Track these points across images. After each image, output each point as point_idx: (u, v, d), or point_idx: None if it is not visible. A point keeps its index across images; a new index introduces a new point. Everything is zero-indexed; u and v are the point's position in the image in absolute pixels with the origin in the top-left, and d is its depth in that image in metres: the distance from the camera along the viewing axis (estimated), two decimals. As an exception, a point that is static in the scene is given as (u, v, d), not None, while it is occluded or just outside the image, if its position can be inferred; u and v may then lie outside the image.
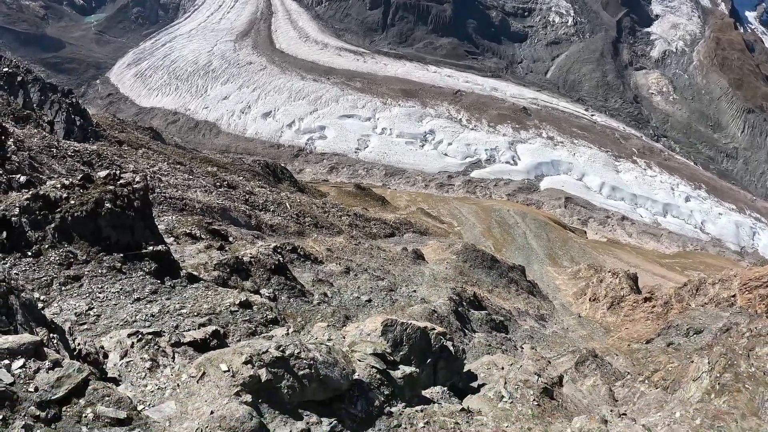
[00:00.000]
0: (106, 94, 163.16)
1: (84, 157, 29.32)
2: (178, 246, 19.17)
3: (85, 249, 11.90)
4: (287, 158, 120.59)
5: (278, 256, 20.78)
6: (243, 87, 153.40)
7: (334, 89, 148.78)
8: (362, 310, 21.20)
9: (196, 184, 38.41)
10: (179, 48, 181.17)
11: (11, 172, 15.62)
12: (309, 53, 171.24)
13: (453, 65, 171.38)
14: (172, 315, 11.54)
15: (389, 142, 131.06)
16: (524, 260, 62.03)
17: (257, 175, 59.98)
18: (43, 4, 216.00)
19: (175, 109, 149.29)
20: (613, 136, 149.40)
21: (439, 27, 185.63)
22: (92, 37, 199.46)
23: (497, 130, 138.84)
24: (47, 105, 41.63)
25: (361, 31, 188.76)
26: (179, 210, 29.24)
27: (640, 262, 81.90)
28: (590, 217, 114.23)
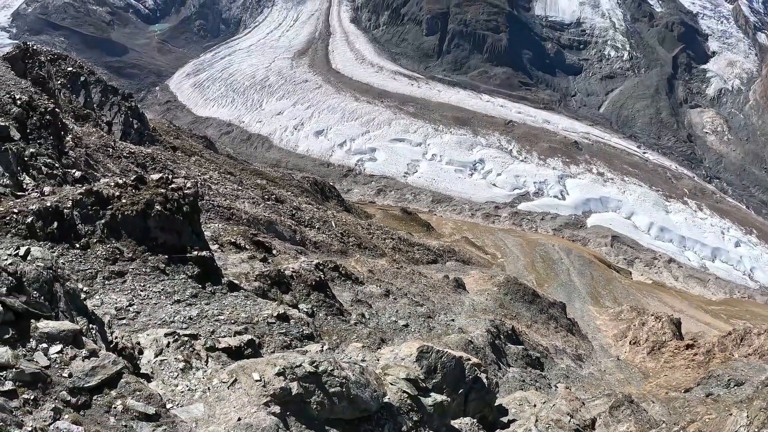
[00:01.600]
0: (164, 101, 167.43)
1: (138, 159, 30.01)
2: (222, 254, 19.36)
3: (131, 247, 12.10)
4: (336, 177, 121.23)
5: (320, 273, 20.80)
6: (297, 104, 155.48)
7: (387, 112, 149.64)
8: (398, 334, 21.04)
9: (244, 195, 38.86)
10: (238, 62, 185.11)
11: (67, 167, 16.02)
12: (364, 75, 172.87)
13: (506, 95, 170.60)
14: (210, 320, 11.60)
15: (438, 168, 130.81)
16: (566, 297, 60.83)
17: (305, 191, 60.43)
18: (110, 10, 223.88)
19: (230, 120, 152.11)
20: (665, 175, 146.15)
21: (495, 56, 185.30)
22: (155, 45, 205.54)
23: (547, 163, 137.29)
24: (107, 106, 42.74)
25: (417, 57, 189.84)
26: (226, 219, 29.60)
27: (684, 307, 79.56)
28: (636, 258, 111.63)
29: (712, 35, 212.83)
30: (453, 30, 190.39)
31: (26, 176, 14.11)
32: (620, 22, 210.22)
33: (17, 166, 13.90)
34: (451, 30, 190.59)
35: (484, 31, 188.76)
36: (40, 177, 14.75)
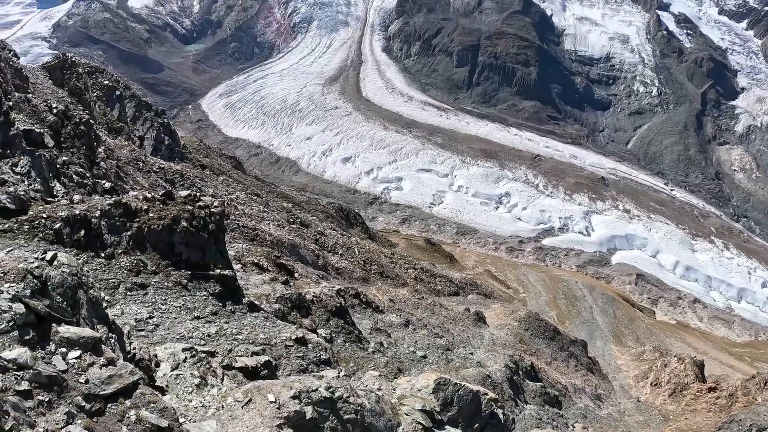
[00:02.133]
0: (195, 120, 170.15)
1: (167, 175, 30.36)
2: (245, 274, 19.41)
3: (155, 260, 12.17)
4: (361, 204, 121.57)
5: (340, 299, 20.75)
6: (327, 130, 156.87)
7: (415, 142, 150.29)
8: (416, 365, 20.84)
9: (270, 217, 39.05)
10: (270, 85, 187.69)
11: (98, 177, 16.23)
12: (394, 104, 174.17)
13: (534, 129, 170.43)
14: (228, 338, 11.58)
15: (464, 200, 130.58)
16: (587, 335, 60.06)
17: (330, 217, 60.57)
18: (148, 28, 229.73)
19: (259, 142, 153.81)
20: (692, 213, 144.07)
21: (524, 90, 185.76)
22: (190, 64, 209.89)
23: (573, 198, 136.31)
24: (140, 121, 43.47)
25: (447, 88, 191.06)
26: (250, 239, 29.71)
27: (708, 349, 77.95)
28: (661, 297, 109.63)
29: (741, 71, 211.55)
30: (483, 62, 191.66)
31: (57, 183, 14.35)
32: (649, 57, 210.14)
33: (49, 172, 14.16)
34: (481, 62, 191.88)
35: (514, 65, 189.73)
36: (71, 185, 14.99)
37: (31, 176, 12.95)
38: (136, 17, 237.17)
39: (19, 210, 10.02)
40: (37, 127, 15.56)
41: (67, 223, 10.60)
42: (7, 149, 13.02)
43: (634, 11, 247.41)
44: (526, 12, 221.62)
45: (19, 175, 12.66)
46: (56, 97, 21.43)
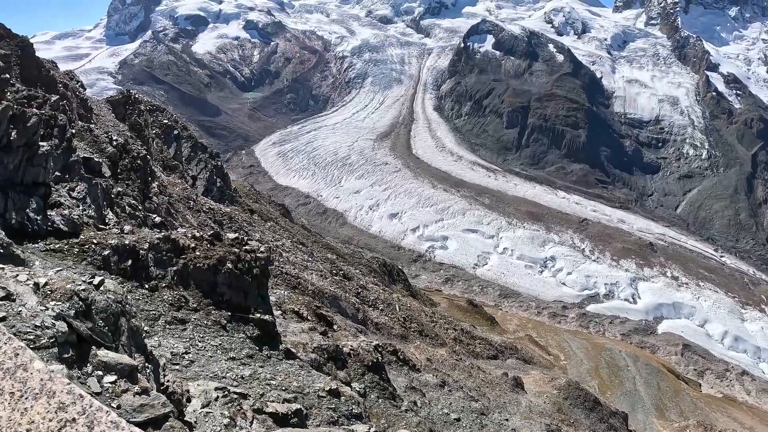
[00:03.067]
0: (248, 165, 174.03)
1: (216, 216, 30.83)
2: (284, 321, 19.39)
3: (197, 298, 12.24)
4: (405, 261, 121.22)
5: (378, 354, 20.48)
6: (375, 185, 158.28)
7: (462, 202, 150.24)
8: (449, 427, 20.32)
9: (313, 267, 39.17)
10: (322, 137, 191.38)
11: (149, 211, 16.55)
12: (443, 163, 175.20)
13: (582, 192, 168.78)
14: (261, 382, 11.46)
15: (509, 262, 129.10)
16: (629, 407, 58.07)
17: (373, 271, 60.43)
18: (209, 73, 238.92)
19: (308, 192, 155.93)
20: (742, 281, 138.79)
21: (573, 152, 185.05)
22: (246, 111, 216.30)
23: (620, 264, 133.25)
24: (194, 162, 44.52)
25: (496, 149, 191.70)
26: (292, 287, 29.77)
27: (755, 424, 74.25)
28: (707, 369, 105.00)
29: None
30: (532, 124, 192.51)
31: (110, 212, 14.69)
32: (699, 119, 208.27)
33: (103, 201, 14.52)
34: (531, 124, 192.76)
35: (563, 127, 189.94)
36: (123, 215, 15.34)
37: (86, 202, 13.30)
38: (198, 62, 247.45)
39: (71, 233, 10.25)
40: (96, 156, 16.06)
41: (116, 252, 10.79)
42: (67, 174, 13.44)
43: (683, 72, 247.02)
44: (575, 74, 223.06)
45: (75, 200, 13.01)
46: (117, 130, 22.17)
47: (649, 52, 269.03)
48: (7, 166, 10.25)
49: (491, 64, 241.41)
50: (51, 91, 20.55)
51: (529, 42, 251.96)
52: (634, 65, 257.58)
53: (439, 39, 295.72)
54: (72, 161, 13.89)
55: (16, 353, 2.56)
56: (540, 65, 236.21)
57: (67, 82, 26.88)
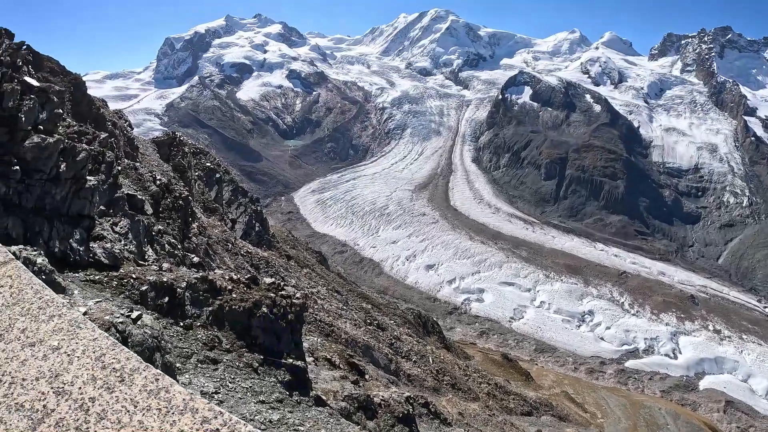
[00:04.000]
0: (287, 211, 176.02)
1: (253, 260, 30.97)
2: (315, 367, 19.20)
3: (230, 339, 12.20)
4: (440, 313, 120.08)
5: (409, 406, 20.08)
6: (413, 236, 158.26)
7: (499, 254, 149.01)
8: (481, 482, 19.60)
9: (347, 315, 38.98)
10: (361, 187, 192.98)
11: (188, 251, 16.67)
12: (481, 215, 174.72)
13: (621, 244, 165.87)
14: (289, 428, 11.25)
15: (545, 316, 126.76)
16: (670, 471, 55.56)
17: (408, 322, 59.90)
18: (252, 120, 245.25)
19: (346, 241, 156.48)
20: None
21: (611, 204, 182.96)
22: (287, 158, 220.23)
23: (660, 318, 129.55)
24: (234, 205, 45.14)
25: (534, 201, 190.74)
26: (326, 335, 29.60)
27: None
28: (751, 426, 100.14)
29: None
30: (570, 175, 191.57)
31: (150, 249, 14.88)
32: (738, 166, 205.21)
33: (144, 237, 14.74)
34: (569, 175, 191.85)
35: (602, 178, 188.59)
36: (162, 253, 15.51)
37: (127, 238, 13.50)
38: (242, 108, 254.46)
39: (111, 266, 10.36)
40: (140, 194, 16.37)
41: (154, 288, 10.85)
42: (111, 209, 13.71)
43: (720, 119, 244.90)
44: (613, 124, 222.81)
45: (118, 235, 13.21)
46: (161, 170, 22.63)
47: (686, 99, 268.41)
48: (54, 197, 10.54)
49: (529, 116, 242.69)
50: (100, 128, 21.14)
51: (566, 93, 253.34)
52: (671, 113, 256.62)
53: (478, 91, 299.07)
54: (117, 197, 14.17)
55: (156, 378, 2.90)
56: (577, 116, 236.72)
57: (116, 120, 27.70)
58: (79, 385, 2.81)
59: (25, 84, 11.55)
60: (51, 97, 12.09)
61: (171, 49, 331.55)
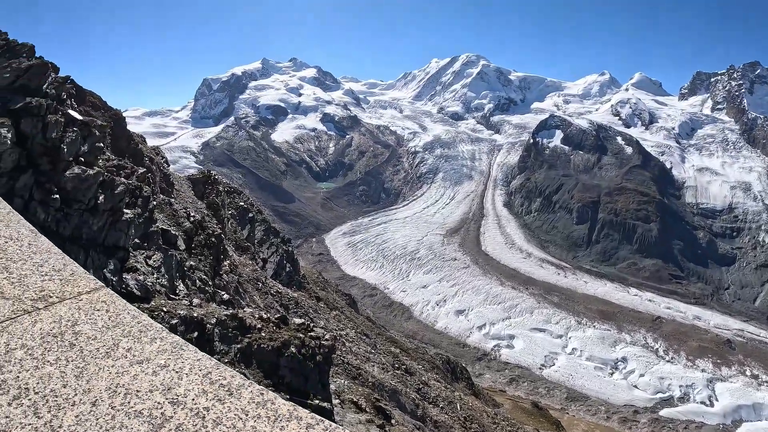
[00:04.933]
0: (317, 252, 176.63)
1: (283, 300, 30.95)
2: (341, 410, 18.99)
3: (258, 377, 12.14)
4: (469, 359, 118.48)
5: (436, 451, 19.65)
6: (443, 280, 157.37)
7: (530, 300, 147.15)
8: None
9: (375, 359, 38.62)
10: (392, 230, 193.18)
11: (218, 287, 16.72)
12: (512, 260, 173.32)
13: (655, 289, 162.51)
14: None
15: (577, 364, 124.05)
16: None
17: (436, 368, 59.07)
18: (286, 161, 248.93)
19: (376, 284, 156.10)
20: None
21: (644, 247, 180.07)
22: (319, 200, 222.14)
23: (696, 364, 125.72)
24: (266, 245, 45.43)
25: (566, 245, 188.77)
26: (353, 377, 29.29)
27: None
28: None
29: None
30: (603, 219, 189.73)
31: (181, 283, 14.98)
32: None
33: (176, 272, 14.88)
34: (601, 219, 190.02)
35: (634, 221, 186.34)
36: (193, 288, 15.59)
37: (160, 271, 13.62)
38: (276, 150, 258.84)
39: (143, 298, 10.42)
40: (173, 229, 16.57)
41: (184, 322, 10.87)
42: (145, 242, 13.89)
43: (753, 156, 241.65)
44: (645, 166, 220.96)
45: (151, 268, 13.34)
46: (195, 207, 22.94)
47: (717, 137, 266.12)
48: (91, 227, 10.74)
49: (560, 159, 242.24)
50: (138, 163, 21.57)
51: (598, 135, 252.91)
52: (703, 153, 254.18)
53: (509, 135, 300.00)
54: (151, 231, 14.38)
55: (261, 393, 3.17)
56: (609, 158, 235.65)
57: (153, 156, 28.27)
58: (192, 397, 3.07)
59: (68, 117, 11.92)
60: (93, 131, 12.43)
61: (208, 89, 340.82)
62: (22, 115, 11.30)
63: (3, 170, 10.26)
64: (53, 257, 4.58)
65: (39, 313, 3.77)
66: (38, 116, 11.45)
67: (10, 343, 3.37)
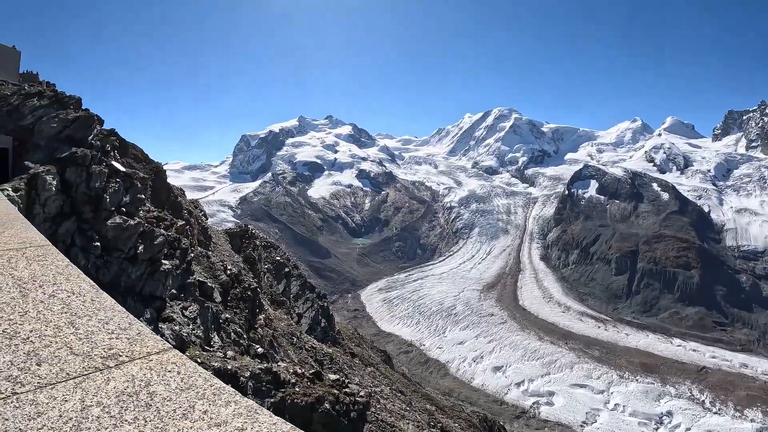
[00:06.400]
0: (353, 308, 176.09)
1: (318, 355, 30.76)
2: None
3: (290, 432, 11.99)
4: (508, 417, 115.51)
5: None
6: (480, 336, 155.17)
7: (570, 355, 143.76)
8: None
9: (410, 416, 37.92)
10: (428, 286, 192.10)
11: (253, 340, 16.77)
12: (550, 314, 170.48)
13: (699, 338, 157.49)
14: None
15: (620, 420, 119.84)
16: None
17: (473, 426, 57.67)
18: (322, 217, 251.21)
19: (411, 341, 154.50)
20: None
21: (686, 295, 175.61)
22: (355, 256, 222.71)
23: (744, 414, 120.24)
24: (302, 300, 45.53)
25: (605, 297, 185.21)
26: (388, 434, 28.74)
27: None
28: None
29: None
30: (642, 269, 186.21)
31: (216, 335, 15.05)
32: None
33: (212, 324, 14.96)
34: (641, 269, 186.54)
35: (675, 269, 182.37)
36: (228, 341, 15.64)
37: (196, 323, 13.73)
38: (312, 206, 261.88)
39: (178, 348, 10.43)
40: (210, 281, 16.76)
41: (218, 374, 10.86)
42: (182, 293, 14.07)
43: None
44: (683, 211, 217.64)
45: (187, 319, 13.44)
46: (232, 260, 23.17)
47: (754, 176, 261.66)
48: (130, 275, 10.97)
49: (596, 210, 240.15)
50: (177, 215, 22.01)
51: (633, 183, 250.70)
52: (741, 193, 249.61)
53: (544, 187, 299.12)
54: (188, 282, 14.57)
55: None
56: (645, 206, 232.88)
57: (192, 209, 28.84)
58: None
59: (112, 168, 12.38)
60: (135, 183, 12.86)
61: (247, 145, 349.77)
62: (68, 164, 11.79)
63: (47, 215, 10.63)
64: (117, 315, 4.62)
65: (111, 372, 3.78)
66: (83, 166, 11.93)
67: (85, 400, 3.37)
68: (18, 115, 16.13)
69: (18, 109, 16.51)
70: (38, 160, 13.67)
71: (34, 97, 17.19)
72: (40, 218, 11.24)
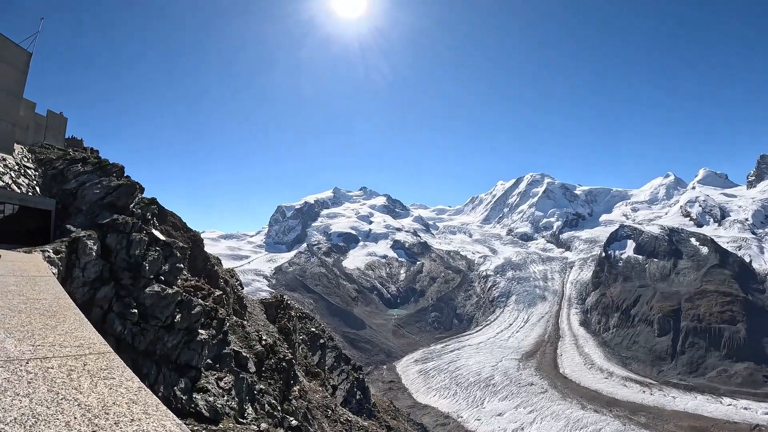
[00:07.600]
0: (388, 380, 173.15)
1: (353, 429, 30.17)
2: None
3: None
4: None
5: None
6: (520, 407, 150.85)
7: (615, 423, 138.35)
8: None
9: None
10: (465, 357, 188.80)
11: (287, 413, 16.58)
12: (592, 381, 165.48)
13: (750, 395, 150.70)
14: None
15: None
16: None
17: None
18: (357, 288, 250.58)
19: (448, 412, 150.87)
20: None
21: (733, 351, 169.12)
22: (391, 327, 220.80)
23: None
24: (337, 371, 45.12)
25: (649, 360, 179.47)
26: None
27: None
28: None
29: None
30: (686, 327, 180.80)
31: (250, 407, 14.91)
32: None
33: (246, 395, 14.84)
34: (684, 327, 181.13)
35: (720, 324, 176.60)
36: (261, 413, 15.46)
37: (230, 394, 13.65)
38: (347, 276, 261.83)
39: (211, 419, 10.45)
40: (245, 351, 16.75)
41: (253, 446, 10.68)
42: (218, 364, 14.06)
43: None
44: (723, 264, 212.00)
45: (222, 390, 13.38)
46: (267, 330, 23.13)
47: None
48: (166, 344, 11.06)
49: (635, 270, 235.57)
50: (213, 284, 22.23)
51: (670, 240, 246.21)
52: None
53: (580, 251, 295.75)
54: (224, 353, 14.59)
55: None
56: (685, 262, 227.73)
57: (228, 278, 29.10)
58: None
59: (152, 236, 12.69)
60: (174, 252, 13.13)
61: (282, 216, 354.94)
62: (109, 230, 12.15)
63: (86, 279, 10.87)
64: None
65: None
66: (124, 233, 12.28)
67: None
68: (62, 179, 16.83)
69: (63, 174, 17.24)
70: (80, 224, 14.12)
71: (78, 162, 17.91)
72: (79, 281, 11.53)
